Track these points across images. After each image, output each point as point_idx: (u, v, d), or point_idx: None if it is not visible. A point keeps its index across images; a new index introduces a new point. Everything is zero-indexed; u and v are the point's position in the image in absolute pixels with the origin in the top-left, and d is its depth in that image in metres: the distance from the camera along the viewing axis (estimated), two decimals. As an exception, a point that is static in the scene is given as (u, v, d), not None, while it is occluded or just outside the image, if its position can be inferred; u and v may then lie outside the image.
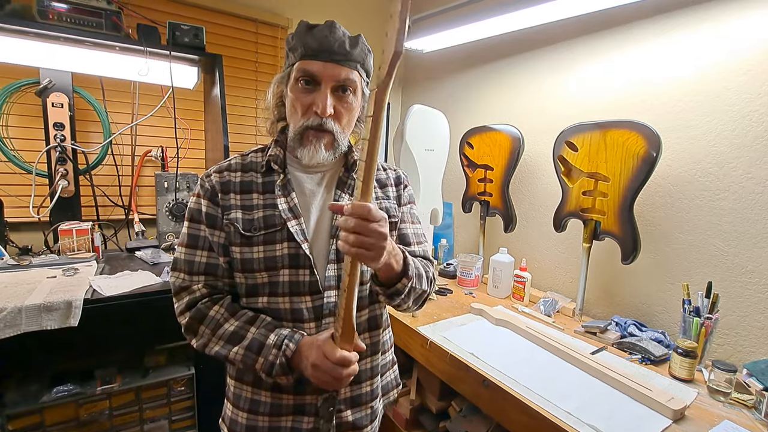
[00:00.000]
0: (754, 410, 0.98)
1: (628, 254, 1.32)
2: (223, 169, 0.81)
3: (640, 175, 1.26)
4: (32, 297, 1.14)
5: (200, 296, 0.77)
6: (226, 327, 0.75)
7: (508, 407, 1.02)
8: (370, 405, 0.85)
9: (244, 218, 0.77)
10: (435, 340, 1.27)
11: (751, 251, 1.17)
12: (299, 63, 0.74)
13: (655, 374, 1.13)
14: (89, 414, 1.30)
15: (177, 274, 0.79)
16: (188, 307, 0.77)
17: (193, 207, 0.79)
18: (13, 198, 1.64)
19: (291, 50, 0.76)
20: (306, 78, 0.74)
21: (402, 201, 0.91)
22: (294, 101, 0.76)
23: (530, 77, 1.78)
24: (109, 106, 1.77)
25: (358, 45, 0.76)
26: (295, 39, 0.74)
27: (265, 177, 0.80)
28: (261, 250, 0.76)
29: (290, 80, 0.77)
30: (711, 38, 1.23)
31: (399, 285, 0.74)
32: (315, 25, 0.74)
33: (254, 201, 0.78)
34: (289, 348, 0.71)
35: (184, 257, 0.79)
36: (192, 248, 0.78)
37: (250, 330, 0.74)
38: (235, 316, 0.76)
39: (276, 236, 0.76)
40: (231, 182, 0.79)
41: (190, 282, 0.78)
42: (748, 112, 1.16)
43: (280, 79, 0.80)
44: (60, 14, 1.35)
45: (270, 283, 0.76)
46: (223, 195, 0.78)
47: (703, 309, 1.15)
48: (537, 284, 1.76)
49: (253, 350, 0.72)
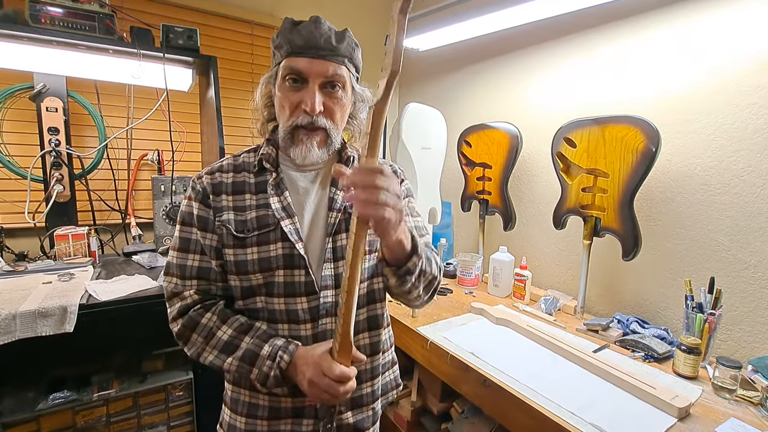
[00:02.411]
0: (760, 407, 0.96)
1: (628, 250, 1.31)
2: (215, 170, 0.80)
3: (640, 170, 1.25)
4: (27, 303, 1.13)
5: (192, 303, 0.75)
6: (219, 335, 0.73)
7: (510, 407, 1.00)
8: (371, 406, 0.84)
9: (237, 219, 0.75)
10: (435, 340, 1.26)
11: (754, 245, 1.15)
12: (285, 61, 0.72)
13: (659, 372, 1.11)
14: (86, 421, 1.28)
15: (170, 279, 0.77)
16: (180, 314, 0.75)
17: (185, 210, 0.78)
18: (9, 204, 1.62)
19: (277, 48, 0.75)
20: (293, 75, 0.72)
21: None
22: (282, 100, 0.74)
23: (527, 74, 1.77)
24: (104, 109, 1.75)
25: (345, 39, 0.74)
26: (281, 37, 0.73)
27: (258, 177, 0.79)
28: (255, 251, 0.74)
29: (278, 79, 0.75)
30: (709, 31, 1.22)
31: (410, 264, 0.68)
32: (300, 22, 0.73)
33: (247, 201, 0.77)
34: (283, 360, 0.69)
35: (177, 261, 0.77)
36: (184, 252, 0.77)
37: (243, 340, 0.72)
38: (228, 323, 0.74)
39: (269, 236, 0.74)
40: (223, 183, 0.78)
41: (182, 287, 0.76)
42: (747, 105, 1.15)
43: (267, 78, 0.79)
44: (53, 18, 1.34)
45: (265, 284, 0.75)
46: (214, 197, 0.77)
47: (706, 305, 1.14)
48: (537, 282, 1.74)
49: (246, 361, 0.71)
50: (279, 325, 0.75)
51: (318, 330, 0.75)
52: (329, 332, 0.76)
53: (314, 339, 0.75)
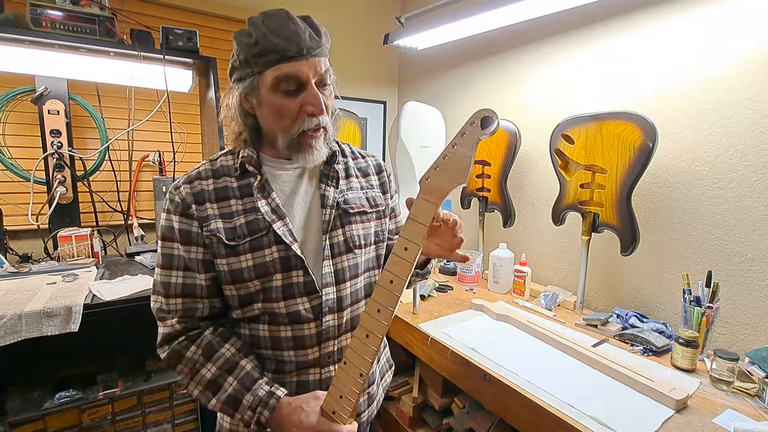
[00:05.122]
0: (757, 398, 0.97)
1: (627, 246, 1.32)
2: (193, 178, 0.74)
3: (637, 165, 1.26)
4: (32, 303, 1.15)
5: (174, 333, 0.72)
6: (203, 373, 0.71)
7: (510, 402, 1.01)
8: (366, 391, 0.84)
9: (226, 227, 0.71)
10: (436, 336, 1.27)
11: (750, 238, 1.16)
12: (275, 68, 0.67)
13: (657, 365, 1.12)
14: (92, 419, 1.30)
15: (155, 298, 0.74)
16: (164, 341, 0.73)
17: (165, 224, 0.73)
18: (12, 206, 1.64)
19: (256, 57, 0.67)
20: (290, 83, 0.68)
21: (387, 190, 0.90)
22: (280, 109, 0.70)
23: (525, 72, 1.78)
24: (105, 111, 1.77)
25: (320, 29, 0.71)
26: (259, 46, 0.66)
27: (240, 180, 0.75)
28: (249, 258, 0.71)
29: (262, 89, 0.70)
30: (705, 27, 1.22)
31: (429, 266, 0.90)
32: (271, 25, 0.67)
33: (233, 207, 0.73)
34: (263, 415, 0.68)
35: (161, 279, 0.74)
36: (167, 269, 0.73)
37: (227, 380, 0.70)
38: (213, 359, 0.71)
39: (263, 241, 0.72)
40: (204, 191, 0.73)
41: (167, 306, 0.73)
42: (743, 99, 1.16)
43: (246, 90, 0.71)
44: (53, 21, 1.35)
45: (264, 290, 0.73)
46: (197, 206, 0.72)
47: (704, 298, 1.15)
48: (537, 278, 1.76)
49: (230, 405, 0.69)
50: (281, 327, 0.74)
51: (322, 328, 0.75)
52: (332, 329, 0.76)
53: (318, 337, 0.75)
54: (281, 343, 0.75)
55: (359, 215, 0.81)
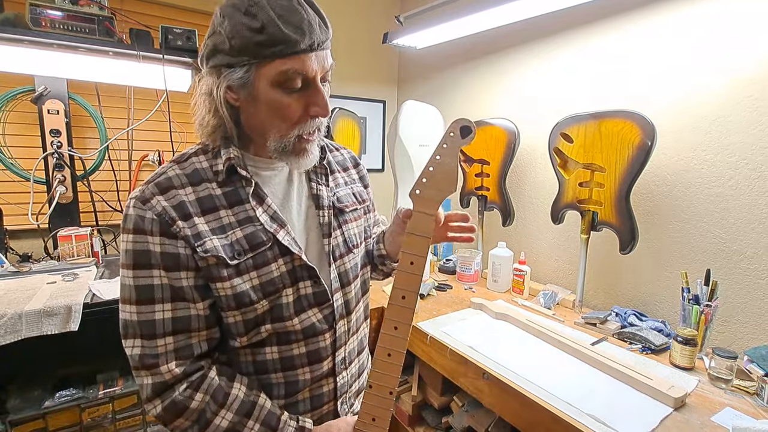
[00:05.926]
0: (756, 396, 0.97)
1: (626, 244, 1.32)
2: (165, 187, 0.61)
3: (636, 164, 1.26)
4: (32, 303, 1.15)
5: (172, 380, 0.59)
6: (218, 423, 0.61)
7: (509, 400, 1.02)
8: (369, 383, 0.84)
9: (223, 244, 0.61)
10: (435, 335, 1.27)
11: (749, 237, 1.16)
12: (281, 61, 0.57)
13: (656, 363, 1.12)
14: (92, 418, 1.30)
15: (132, 342, 0.59)
16: (155, 393, 0.59)
17: (135, 248, 0.58)
18: (12, 206, 1.64)
19: (259, 46, 0.56)
20: (297, 79, 0.59)
21: (367, 183, 0.87)
22: (281, 108, 0.60)
23: (524, 70, 1.78)
24: (104, 111, 1.77)
25: (326, 18, 0.61)
26: (266, 34, 0.55)
27: (224, 187, 0.64)
28: (254, 276, 0.63)
29: (259, 83, 0.59)
30: (704, 23, 1.22)
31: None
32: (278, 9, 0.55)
33: (224, 220, 0.62)
34: None
35: (137, 318, 0.59)
36: (146, 303, 0.59)
37: (247, 425, 0.62)
38: (227, 405, 0.62)
39: (267, 255, 0.63)
40: (186, 203, 0.60)
41: (152, 350, 0.59)
42: (743, 97, 1.16)
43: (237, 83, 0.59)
44: (53, 21, 1.35)
45: (272, 308, 0.65)
46: (183, 222, 0.59)
47: (703, 297, 1.15)
48: (536, 277, 1.76)
49: None
50: (293, 345, 0.68)
51: (336, 336, 0.71)
52: (344, 335, 0.73)
53: (333, 347, 0.72)
54: (293, 362, 0.68)
55: (353, 213, 0.79)
